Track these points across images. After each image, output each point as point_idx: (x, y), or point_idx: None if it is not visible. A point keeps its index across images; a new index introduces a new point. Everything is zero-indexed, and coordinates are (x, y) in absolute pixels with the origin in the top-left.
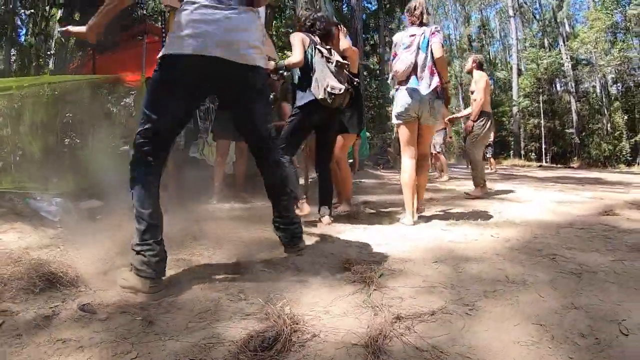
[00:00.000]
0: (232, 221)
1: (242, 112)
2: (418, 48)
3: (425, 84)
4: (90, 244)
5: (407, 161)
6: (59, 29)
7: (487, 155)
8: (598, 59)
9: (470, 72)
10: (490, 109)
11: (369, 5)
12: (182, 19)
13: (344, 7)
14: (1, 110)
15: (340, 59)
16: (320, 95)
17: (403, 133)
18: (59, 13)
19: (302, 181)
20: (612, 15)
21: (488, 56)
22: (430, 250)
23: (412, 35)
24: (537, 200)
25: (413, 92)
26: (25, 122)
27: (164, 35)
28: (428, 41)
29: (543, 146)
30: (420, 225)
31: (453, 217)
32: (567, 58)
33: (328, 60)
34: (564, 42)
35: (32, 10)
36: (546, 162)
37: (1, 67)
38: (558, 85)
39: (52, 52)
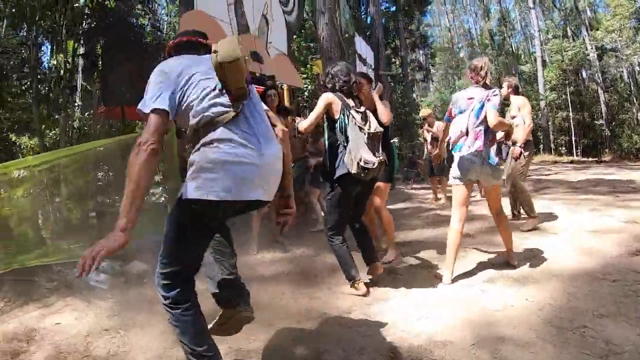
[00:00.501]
0: (276, 281)
1: None
2: (472, 112)
3: (473, 151)
4: (146, 325)
5: (456, 224)
6: (76, 274)
7: None
8: (624, 48)
9: (507, 98)
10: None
11: (388, 5)
12: (212, 157)
13: (362, 14)
14: (44, 182)
15: (375, 125)
16: (354, 170)
17: (458, 193)
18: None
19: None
20: (635, 0)
21: (510, 49)
22: (468, 324)
23: (470, 99)
24: (571, 229)
25: (472, 158)
26: (64, 190)
27: None
28: (482, 106)
29: (573, 139)
30: (459, 283)
31: (490, 265)
32: (592, 48)
33: (361, 129)
34: (587, 31)
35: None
36: (577, 155)
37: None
38: (584, 76)
39: (79, 103)
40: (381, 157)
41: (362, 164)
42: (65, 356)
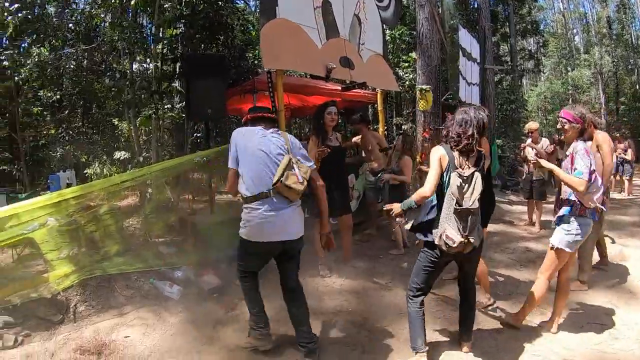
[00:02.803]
0: (335, 316)
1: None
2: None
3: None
4: (206, 353)
5: (545, 283)
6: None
7: (625, 177)
8: None
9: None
10: None
11: None
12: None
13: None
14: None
15: (474, 197)
16: (436, 241)
17: (562, 259)
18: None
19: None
20: None
21: (630, 40)
22: None
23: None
24: None
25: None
26: (147, 204)
27: (270, 90)
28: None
29: None
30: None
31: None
32: None
33: (456, 202)
34: None
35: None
36: None
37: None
38: None
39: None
40: (469, 239)
41: (444, 238)
42: None
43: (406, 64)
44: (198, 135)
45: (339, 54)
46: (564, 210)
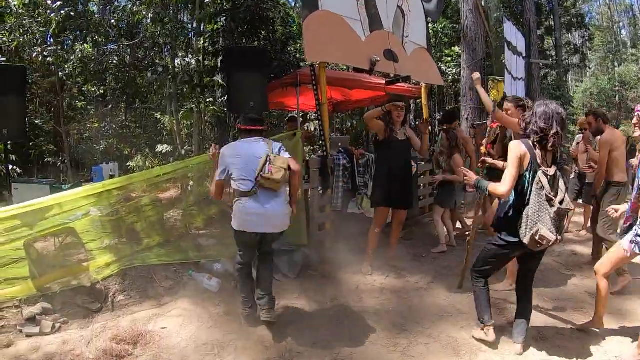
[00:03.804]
0: (376, 317)
1: None
2: None
3: None
4: (241, 348)
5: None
6: None
7: None
8: None
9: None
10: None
11: None
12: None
13: None
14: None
15: (567, 198)
16: (526, 240)
17: (619, 260)
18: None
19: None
20: None
21: None
22: None
23: None
24: None
25: None
26: (189, 197)
27: (314, 84)
28: None
29: None
30: None
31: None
32: None
33: (550, 201)
34: None
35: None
36: None
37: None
38: None
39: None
40: (559, 238)
41: (537, 238)
42: None
43: (449, 59)
44: None
45: (383, 47)
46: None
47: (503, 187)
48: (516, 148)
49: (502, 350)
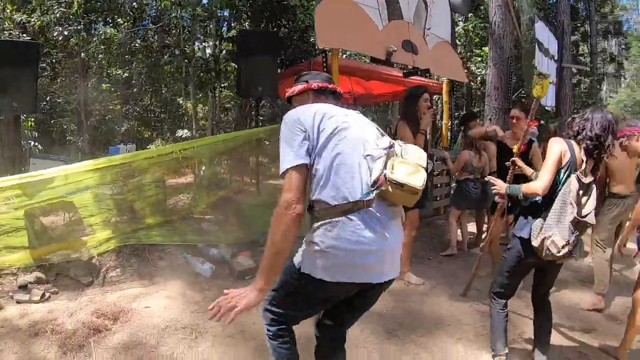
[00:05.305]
0: (370, 321)
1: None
2: None
3: None
4: (221, 336)
5: None
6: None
7: None
8: None
9: None
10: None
11: None
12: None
13: None
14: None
15: (591, 211)
16: (535, 243)
17: None
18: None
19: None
20: None
21: None
22: None
23: None
24: None
25: None
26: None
27: (325, 72)
28: None
29: None
30: None
31: None
32: None
33: (572, 210)
34: None
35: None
36: None
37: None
38: None
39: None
40: (572, 253)
41: (547, 243)
42: (135, 346)
43: (479, 59)
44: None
45: (401, 37)
46: None
47: (539, 182)
48: (558, 145)
49: None
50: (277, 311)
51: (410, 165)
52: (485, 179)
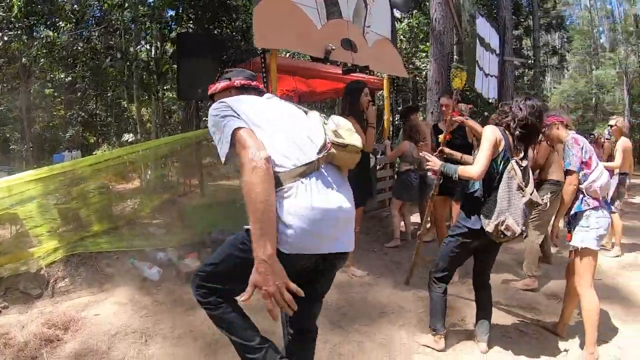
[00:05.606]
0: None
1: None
2: None
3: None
4: (170, 337)
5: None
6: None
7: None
8: None
9: None
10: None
11: None
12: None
13: None
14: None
15: (535, 192)
16: (489, 229)
17: (592, 263)
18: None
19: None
20: None
21: None
22: None
23: None
24: None
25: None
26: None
27: (263, 72)
28: None
29: None
30: None
31: None
32: None
33: (521, 190)
34: None
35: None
36: None
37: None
38: None
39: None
40: (524, 231)
41: (501, 228)
42: (86, 354)
43: (423, 54)
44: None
45: (340, 36)
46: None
47: (476, 167)
48: (492, 132)
49: (439, 355)
50: (212, 286)
51: (346, 130)
52: (420, 154)
